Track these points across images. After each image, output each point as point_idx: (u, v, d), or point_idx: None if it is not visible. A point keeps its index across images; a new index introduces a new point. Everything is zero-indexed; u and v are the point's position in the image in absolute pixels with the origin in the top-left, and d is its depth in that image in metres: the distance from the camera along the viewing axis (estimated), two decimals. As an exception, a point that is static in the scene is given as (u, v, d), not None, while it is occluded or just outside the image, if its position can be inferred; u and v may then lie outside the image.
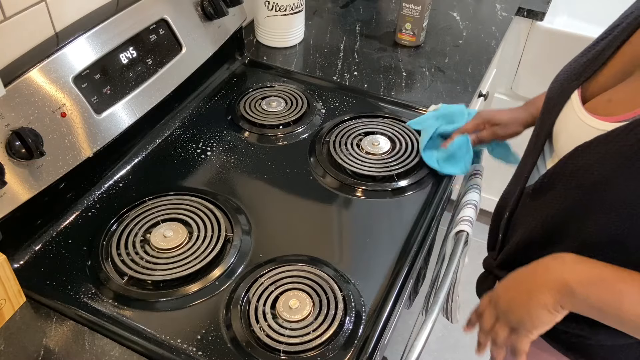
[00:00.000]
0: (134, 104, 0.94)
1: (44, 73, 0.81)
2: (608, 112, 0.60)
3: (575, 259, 0.62)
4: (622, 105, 0.59)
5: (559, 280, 0.61)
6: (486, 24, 1.48)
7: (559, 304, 0.61)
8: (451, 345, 1.80)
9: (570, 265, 0.62)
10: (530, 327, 0.64)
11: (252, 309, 0.75)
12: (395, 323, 0.79)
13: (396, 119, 1.11)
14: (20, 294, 0.75)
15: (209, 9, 1.09)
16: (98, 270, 0.80)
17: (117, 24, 0.92)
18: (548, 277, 0.62)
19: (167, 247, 0.82)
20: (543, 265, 0.64)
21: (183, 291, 0.78)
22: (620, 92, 0.61)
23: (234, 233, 0.86)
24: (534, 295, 0.63)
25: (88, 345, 0.72)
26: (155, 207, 0.89)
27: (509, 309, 0.66)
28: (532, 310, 0.63)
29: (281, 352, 0.71)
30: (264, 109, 1.13)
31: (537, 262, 0.65)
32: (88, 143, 0.86)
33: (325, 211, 0.92)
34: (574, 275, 0.61)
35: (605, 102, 0.62)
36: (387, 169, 0.99)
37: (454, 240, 0.95)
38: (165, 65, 1.00)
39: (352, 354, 0.71)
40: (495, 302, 0.69)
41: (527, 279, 0.65)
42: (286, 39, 1.34)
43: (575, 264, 0.62)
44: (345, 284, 0.79)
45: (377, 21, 1.49)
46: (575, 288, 0.60)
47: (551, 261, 0.64)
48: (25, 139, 0.75)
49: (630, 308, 0.57)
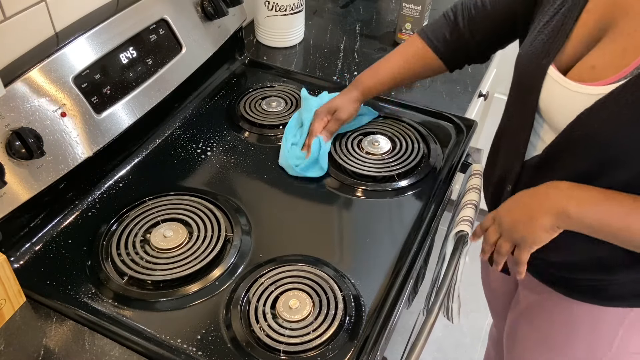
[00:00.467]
0: (134, 104, 0.94)
1: (44, 73, 0.81)
2: (596, 77, 0.64)
3: (570, 185, 0.70)
4: (607, 69, 0.63)
5: (557, 206, 0.69)
6: (486, 24, 1.48)
7: (555, 225, 0.70)
8: (451, 345, 1.80)
9: (566, 191, 0.70)
10: (530, 243, 0.73)
11: (252, 309, 0.75)
12: (395, 323, 0.79)
13: (396, 119, 1.11)
14: (20, 294, 0.75)
15: (209, 9, 1.09)
16: (98, 270, 0.80)
17: (117, 24, 0.92)
18: (547, 203, 0.70)
19: (167, 247, 0.82)
20: (543, 192, 0.72)
21: (183, 291, 0.78)
22: (600, 57, 0.65)
23: (234, 233, 0.86)
24: (534, 219, 0.71)
25: (88, 345, 0.72)
26: (155, 207, 0.89)
27: (512, 228, 0.74)
28: (533, 231, 0.71)
29: (281, 352, 0.71)
30: (264, 109, 1.13)
31: (536, 189, 0.73)
32: (88, 143, 0.86)
33: (326, 211, 0.92)
34: (570, 200, 0.68)
35: (589, 68, 0.65)
36: (387, 169, 0.99)
37: (454, 240, 0.95)
38: (165, 65, 1.00)
39: (352, 354, 0.71)
40: (499, 221, 0.77)
41: (528, 204, 0.73)
42: (286, 39, 1.34)
43: (571, 189, 0.70)
44: (345, 284, 0.79)
45: (377, 21, 1.49)
46: (570, 212, 0.68)
47: (550, 189, 0.71)
48: (25, 139, 0.75)
49: (615, 222, 0.66)
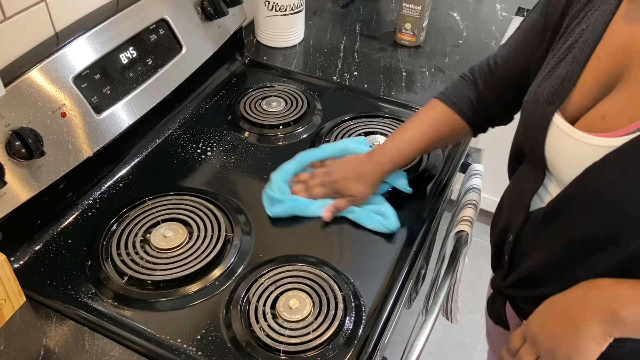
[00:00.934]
0: (134, 104, 0.94)
1: (44, 73, 0.81)
2: (606, 128, 0.59)
3: (612, 283, 0.60)
4: (619, 119, 0.58)
5: (605, 311, 0.59)
6: (486, 24, 1.48)
7: (608, 334, 0.59)
8: (451, 345, 1.80)
9: (609, 290, 0.60)
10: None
11: (252, 309, 0.75)
12: (395, 323, 0.79)
13: (396, 119, 1.11)
14: (20, 294, 0.75)
15: (209, 9, 1.09)
16: (98, 270, 0.80)
17: (117, 24, 0.92)
18: (591, 309, 0.60)
19: (167, 247, 0.82)
20: (582, 296, 0.62)
21: (183, 291, 0.78)
22: (611, 107, 0.60)
23: (234, 233, 0.86)
24: (580, 329, 0.60)
25: (88, 345, 0.72)
26: (155, 207, 0.89)
27: (553, 347, 0.63)
28: (580, 345, 0.60)
29: (281, 352, 0.71)
30: (264, 109, 1.13)
31: (570, 292, 0.63)
32: (88, 143, 0.86)
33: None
34: (618, 302, 0.58)
35: (600, 119, 0.60)
36: (387, 169, 0.99)
37: (454, 240, 0.95)
38: (165, 65, 1.00)
39: (352, 354, 0.71)
40: (534, 340, 0.65)
41: (567, 312, 0.62)
42: (286, 39, 1.34)
43: (614, 288, 0.60)
44: (345, 284, 0.79)
45: (377, 21, 1.49)
46: (624, 316, 0.58)
47: (589, 290, 0.61)
48: (25, 139, 0.75)
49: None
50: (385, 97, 1.18)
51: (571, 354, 0.61)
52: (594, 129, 0.60)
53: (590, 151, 0.60)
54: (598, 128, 0.60)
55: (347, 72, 1.26)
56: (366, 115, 1.12)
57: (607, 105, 0.60)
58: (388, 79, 1.24)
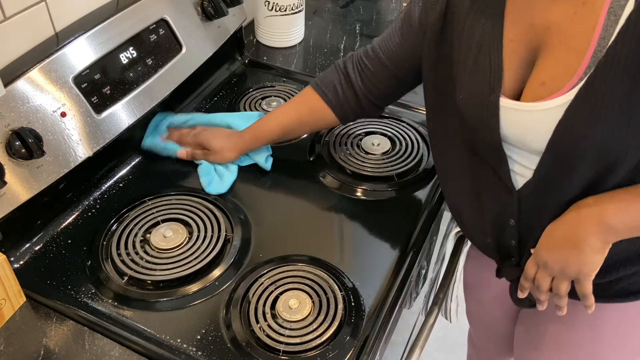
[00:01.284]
0: (134, 104, 0.94)
1: (44, 73, 0.81)
2: (551, 91, 0.64)
3: (596, 200, 0.68)
4: (557, 80, 0.63)
5: (598, 224, 0.67)
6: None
7: (605, 242, 0.68)
8: (451, 345, 1.80)
9: (596, 206, 0.68)
10: (588, 271, 0.69)
11: (252, 309, 0.75)
12: (396, 323, 0.79)
13: (396, 119, 1.11)
14: (20, 294, 0.75)
15: (209, 9, 1.09)
16: (98, 270, 0.80)
17: (117, 24, 0.92)
18: (586, 225, 0.68)
19: (167, 247, 0.82)
20: (575, 217, 0.69)
21: (183, 291, 0.78)
22: (544, 73, 0.65)
23: (234, 233, 0.86)
24: (581, 246, 0.68)
25: (88, 345, 0.72)
26: (155, 207, 0.89)
27: (563, 265, 0.71)
28: (586, 259, 0.68)
29: (281, 352, 0.71)
30: (264, 109, 1.13)
31: (564, 216, 0.70)
32: (88, 143, 0.86)
33: (325, 211, 0.92)
34: (606, 213, 0.66)
35: (540, 86, 0.66)
36: (387, 169, 0.99)
37: (454, 240, 0.95)
38: (165, 65, 1.00)
39: (352, 354, 0.71)
40: (545, 264, 0.73)
41: (567, 235, 0.70)
42: (286, 39, 1.34)
43: (600, 203, 0.68)
44: (345, 284, 0.79)
45: (377, 21, 1.49)
46: (614, 223, 0.66)
47: (579, 210, 0.69)
48: (25, 139, 0.75)
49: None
50: (385, 97, 1.17)
51: (580, 268, 0.69)
52: (539, 96, 0.65)
53: (549, 115, 0.64)
54: (543, 94, 0.65)
55: (347, 72, 1.26)
56: (366, 115, 1.12)
57: (541, 73, 0.66)
58: (388, 79, 1.24)
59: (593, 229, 0.67)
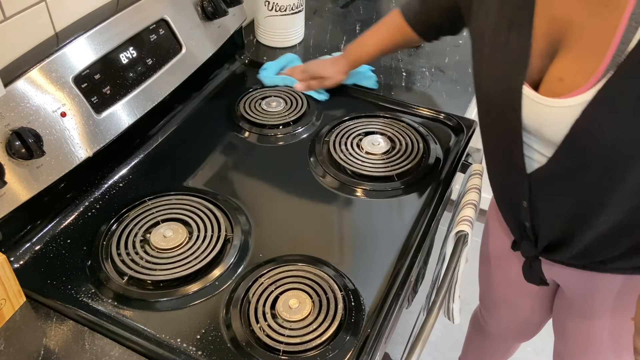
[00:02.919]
0: (134, 104, 0.94)
1: (44, 73, 0.81)
2: (568, 89, 0.65)
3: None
4: (575, 78, 0.64)
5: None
6: (486, 24, 1.48)
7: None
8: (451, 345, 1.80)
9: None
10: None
11: (252, 309, 0.75)
12: (396, 323, 0.79)
13: (396, 119, 1.11)
14: (20, 294, 0.75)
15: (209, 9, 1.09)
16: (98, 270, 0.80)
17: (117, 24, 0.92)
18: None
19: (167, 247, 0.82)
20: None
21: (183, 291, 0.78)
22: (563, 68, 0.66)
23: (234, 233, 0.86)
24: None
25: (88, 345, 0.72)
26: (155, 207, 0.89)
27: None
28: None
29: (281, 352, 0.71)
30: (264, 109, 1.13)
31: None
32: (88, 143, 0.86)
33: (325, 211, 0.92)
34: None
35: (558, 81, 0.67)
36: (387, 169, 0.99)
37: (454, 240, 0.95)
38: (165, 65, 1.00)
39: (352, 354, 0.71)
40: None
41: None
42: (286, 39, 1.34)
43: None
44: (345, 284, 0.79)
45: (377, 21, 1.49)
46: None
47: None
48: (25, 139, 0.75)
49: None
50: (385, 97, 1.18)
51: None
52: (557, 92, 0.66)
53: (567, 112, 0.65)
54: (561, 90, 0.66)
55: (347, 72, 1.26)
56: (366, 115, 1.12)
57: (559, 68, 0.67)
58: (388, 79, 1.24)
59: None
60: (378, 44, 1.10)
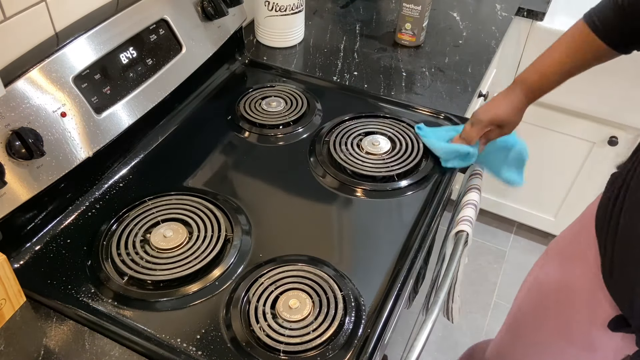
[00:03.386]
0: (134, 104, 0.94)
1: (44, 73, 0.81)
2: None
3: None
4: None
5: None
6: (486, 24, 1.48)
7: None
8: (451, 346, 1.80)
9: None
10: None
11: (252, 309, 0.75)
12: (395, 323, 0.79)
13: (396, 119, 1.11)
14: (20, 294, 0.75)
15: (209, 9, 1.09)
16: (98, 270, 0.80)
17: (117, 24, 0.92)
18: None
19: (167, 247, 0.82)
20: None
21: (183, 291, 0.78)
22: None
23: (234, 233, 0.86)
24: None
25: (88, 345, 0.72)
26: (155, 207, 0.89)
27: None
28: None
29: (281, 352, 0.71)
30: (264, 109, 1.13)
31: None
32: (88, 143, 0.86)
33: (325, 211, 0.92)
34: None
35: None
36: (387, 169, 0.99)
37: (453, 240, 0.95)
38: (165, 65, 1.00)
39: (352, 354, 0.71)
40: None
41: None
42: (286, 39, 1.34)
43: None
44: (345, 284, 0.79)
45: (377, 21, 1.49)
46: None
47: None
48: (25, 139, 0.75)
49: None
50: (385, 97, 1.18)
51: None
52: None
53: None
54: None
55: (347, 72, 1.26)
56: (366, 115, 1.12)
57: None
58: (388, 79, 1.24)
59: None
60: (561, 64, 0.85)
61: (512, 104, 0.88)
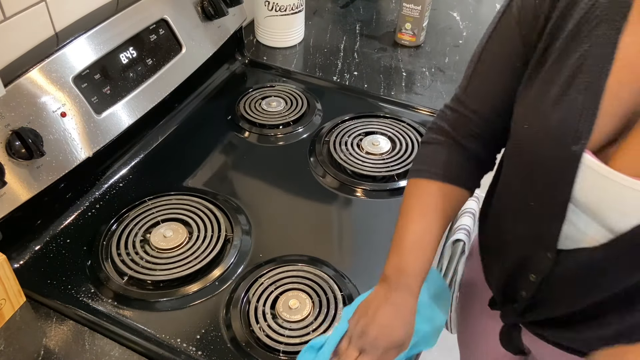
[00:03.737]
0: (134, 104, 0.94)
1: (44, 73, 0.81)
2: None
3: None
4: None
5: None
6: (486, 24, 1.47)
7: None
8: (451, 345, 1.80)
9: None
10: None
11: (252, 309, 0.75)
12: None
13: (396, 119, 1.11)
14: (20, 294, 0.75)
15: (209, 9, 1.09)
16: (98, 270, 0.80)
17: (117, 24, 0.92)
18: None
19: (167, 247, 0.82)
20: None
21: (183, 291, 0.78)
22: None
23: (234, 233, 0.86)
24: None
25: (88, 345, 0.72)
26: (155, 207, 0.89)
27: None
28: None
29: (281, 352, 0.71)
30: (264, 109, 1.13)
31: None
32: (88, 143, 0.86)
33: (325, 211, 0.92)
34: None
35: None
36: (387, 169, 0.99)
37: (451, 249, 0.94)
38: (165, 65, 1.00)
39: (352, 354, 0.71)
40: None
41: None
42: (286, 39, 1.34)
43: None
44: (345, 284, 0.79)
45: (377, 21, 1.49)
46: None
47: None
48: (25, 139, 0.75)
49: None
50: (385, 97, 1.18)
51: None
52: (637, 169, 0.52)
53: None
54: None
55: (347, 72, 1.26)
56: (366, 115, 1.12)
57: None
58: (388, 79, 1.24)
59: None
60: (432, 241, 0.69)
61: (407, 317, 0.66)
